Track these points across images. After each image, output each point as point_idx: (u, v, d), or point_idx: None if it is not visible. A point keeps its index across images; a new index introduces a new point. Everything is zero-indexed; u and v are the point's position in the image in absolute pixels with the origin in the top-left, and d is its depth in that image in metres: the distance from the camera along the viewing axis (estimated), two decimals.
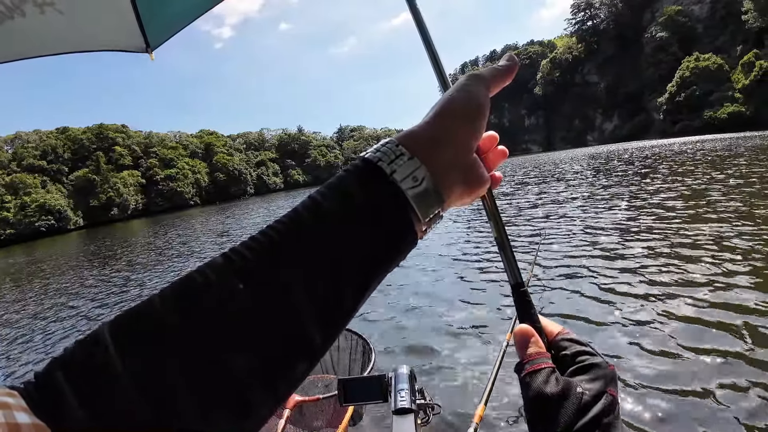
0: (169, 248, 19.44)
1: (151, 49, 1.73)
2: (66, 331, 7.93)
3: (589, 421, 0.39)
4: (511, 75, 0.49)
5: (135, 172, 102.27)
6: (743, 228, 7.55)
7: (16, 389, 0.29)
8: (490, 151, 0.49)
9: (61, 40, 1.55)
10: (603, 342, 4.19)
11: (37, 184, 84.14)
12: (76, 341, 0.32)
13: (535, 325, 0.48)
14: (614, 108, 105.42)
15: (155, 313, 0.32)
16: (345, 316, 0.37)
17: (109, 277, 13.52)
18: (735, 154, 22.98)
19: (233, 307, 0.33)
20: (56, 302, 10.80)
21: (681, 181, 15.17)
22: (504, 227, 0.51)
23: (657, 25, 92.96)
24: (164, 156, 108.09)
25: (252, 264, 0.34)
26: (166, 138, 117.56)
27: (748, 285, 5.07)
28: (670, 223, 8.75)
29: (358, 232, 0.37)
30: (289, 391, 0.35)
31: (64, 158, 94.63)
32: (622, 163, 28.07)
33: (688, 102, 75.52)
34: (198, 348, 0.31)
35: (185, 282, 0.34)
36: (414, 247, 0.41)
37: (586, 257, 7.17)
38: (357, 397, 1.40)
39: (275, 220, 0.37)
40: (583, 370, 0.43)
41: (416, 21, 0.61)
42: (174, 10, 1.72)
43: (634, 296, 5.20)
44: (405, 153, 0.40)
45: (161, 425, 0.29)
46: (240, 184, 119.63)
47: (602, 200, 13.30)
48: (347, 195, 0.38)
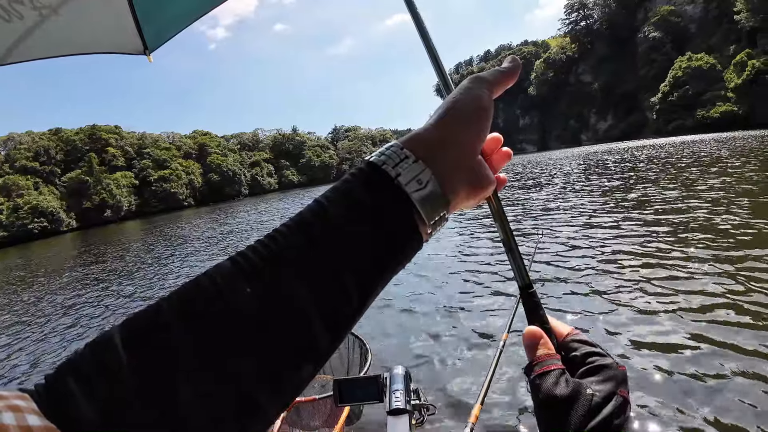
0: (164, 250, 19.40)
1: (149, 52, 1.74)
2: (61, 335, 7.90)
3: (599, 422, 0.39)
4: (514, 77, 0.49)
5: (128, 173, 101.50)
6: (740, 220, 7.63)
7: (27, 392, 0.29)
8: (495, 153, 0.49)
9: (59, 43, 1.55)
10: (601, 341, 4.20)
11: (30, 185, 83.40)
12: (86, 344, 0.32)
13: (545, 326, 0.48)
14: (608, 107, 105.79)
15: (164, 317, 0.32)
16: (351, 319, 0.38)
17: (103, 280, 13.47)
18: (732, 154, 23.10)
19: (241, 311, 0.33)
20: (54, 305, 10.76)
21: (676, 178, 15.28)
22: (511, 229, 0.51)
23: (650, 24, 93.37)
24: (158, 157, 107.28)
25: (259, 268, 0.35)
26: (160, 139, 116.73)
27: (748, 279, 5.13)
28: (668, 220, 8.82)
29: (363, 235, 0.37)
30: (295, 393, 0.35)
31: (56, 159, 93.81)
32: (616, 162, 28.22)
33: (681, 101, 75.90)
34: (206, 352, 0.31)
35: (193, 286, 0.34)
36: (419, 250, 0.42)
37: (584, 256, 7.21)
38: (352, 397, 1.41)
39: (281, 224, 0.38)
40: (593, 372, 0.43)
41: (416, 22, 0.61)
42: (172, 12, 1.72)
43: (632, 295, 5.24)
44: (410, 156, 0.40)
45: (170, 428, 0.30)
46: (234, 184, 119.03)
47: (598, 198, 13.38)
48: (352, 198, 0.38)
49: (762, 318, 4.21)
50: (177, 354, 0.31)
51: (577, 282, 5.99)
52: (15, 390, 0.29)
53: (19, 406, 0.27)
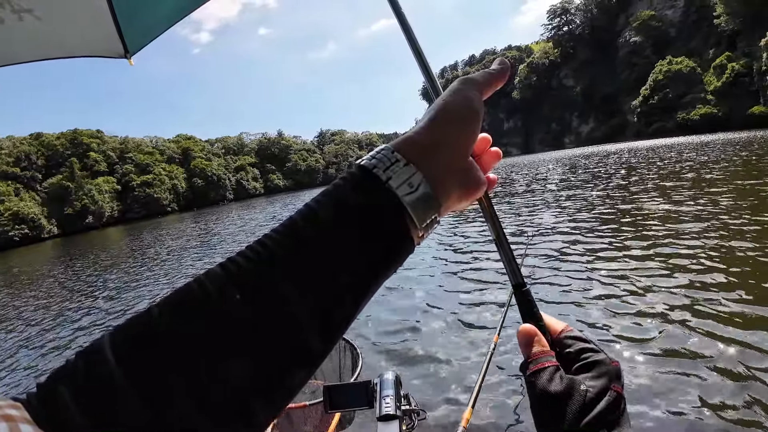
0: (147, 256, 19.15)
1: (130, 55, 1.71)
2: (46, 342, 7.76)
3: (594, 417, 0.39)
4: (504, 79, 0.49)
5: (110, 179, 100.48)
6: (729, 216, 7.75)
7: (20, 401, 0.29)
8: (484, 154, 0.49)
9: (39, 47, 1.52)
10: (595, 337, 4.22)
11: (11, 192, 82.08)
12: (77, 353, 0.32)
13: (538, 324, 0.49)
14: (590, 111, 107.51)
15: (154, 324, 0.32)
16: (343, 324, 0.37)
17: (88, 287, 13.26)
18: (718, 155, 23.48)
19: (231, 316, 0.33)
20: (40, 313, 10.55)
21: (662, 177, 15.50)
22: (502, 228, 0.51)
23: (631, 29, 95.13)
24: (140, 161, 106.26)
25: (249, 274, 0.34)
26: (143, 143, 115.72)
27: (736, 274, 5.23)
28: (655, 217, 8.92)
29: (355, 239, 0.37)
30: (287, 399, 0.35)
31: (37, 165, 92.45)
32: (599, 163, 28.54)
33: (662, 104, 77.33)
34: (196, 358, 0.31)
35: (183, 292, 0.34)
36: (412, 253, 0.42)
37: (575, 253, 7.27)
38: (342, 403, 1.40)
39: (272, 229, 0.38)
40: (587, 368, 0.44)
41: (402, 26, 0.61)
42: (152, 15, 1.70)
43: (625, 290, 5.28)
44: (401, 159, 0.40)
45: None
46: (219, 189, 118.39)
47: (584, 198, 13.48)
48: (343, 202, 0.38)
49: (751, 311, 4.29)
50: (167, 361, 0.31)
51: (570, 279, 6.04)
52: (8, 399, 0.29)
53: (12, 416, 0.27)
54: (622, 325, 4.44)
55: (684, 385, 3.35)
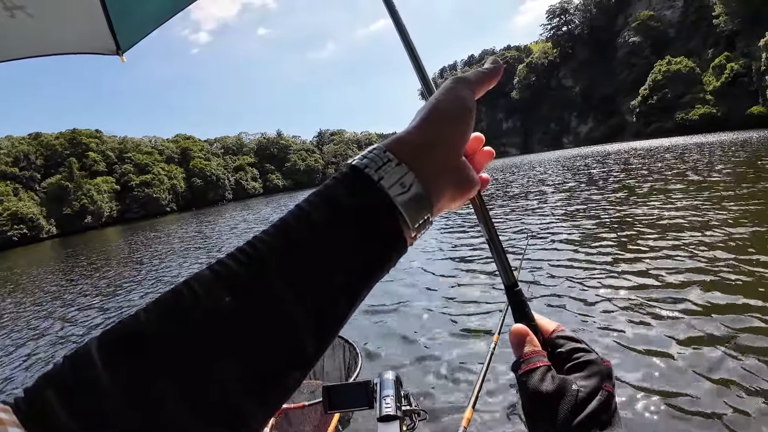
0: (144, 258, 19.12)
1: (122, 52, 1.69)
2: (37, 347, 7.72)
3: (585, 417, 0.39)
4: (497, 78, 0.49)
5: (109, 179, 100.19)
6: (725, 216, 7.74)
7: (8, 404, 0.29)
8: (477, 153, 0.49)
9: (32, 44, 1.52)
10: (586, 337, 4.20)
11: (9, 191, 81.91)
12: (65, 357, 0.32)
13: (530, 324, 0.49)
14: (589, 111, 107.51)
15: (141, 328, 0.32)
16: (337, 324, 0.37)
17: (86, 288, 13.23)
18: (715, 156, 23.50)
19: (221, 319, 0.32)
20: (32, 316, 10.51)
21: (661, 178, 15.51)
22: (495, 228, 0.51)
23: (630, 29, 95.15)
24: (139, 161, 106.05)
25: (240, 276, 0.34)
26: (142, 143, 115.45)
27: (734, 273, 5.20)
28: (654, 219, 8.92)
29: (347, 240, 0.37)
30: (282, 400, 0.35)
31: (36, 165, 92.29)
32: (597, 164, 28.51)
33: (661, 104, 77.34)
34: (186, 361, 0.31)
35: (172, 295, 0.34)
36: (404, 254, 0.41)
37: (569, 255, 7.24)
38: (342, 404, 1.38)
39: (262, 230, 0.37)
40: (578, 368, 0.44)
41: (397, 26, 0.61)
42: (144, 11, 1.69)
43: (617, 291, 5.26)
44: (392, 159, 0.40)
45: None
46: (218, 189, 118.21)
47: (583, 198, 13.49)
48: (335, 202, 0.38)
49: (750, 311, 4.27)
50: (155, 363, 0.31)
51: (563, 279, 6.03)
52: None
53: (2, 419, 0.27)
54: (617, 326, 4.43)
55: (681, 387, 3.33)
